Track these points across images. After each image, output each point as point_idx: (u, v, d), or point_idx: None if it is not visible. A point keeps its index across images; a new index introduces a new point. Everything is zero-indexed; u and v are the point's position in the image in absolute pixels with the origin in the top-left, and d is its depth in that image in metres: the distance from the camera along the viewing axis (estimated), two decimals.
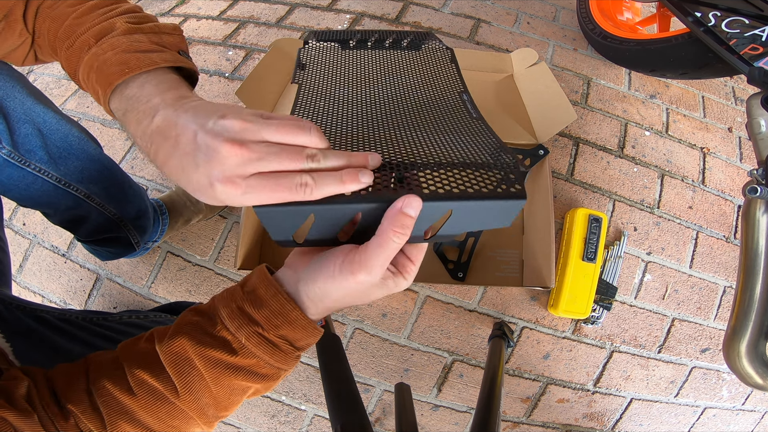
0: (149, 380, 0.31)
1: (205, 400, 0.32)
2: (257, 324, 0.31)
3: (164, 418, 0.32)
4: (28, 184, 0.55)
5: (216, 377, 0.32)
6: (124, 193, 0.68)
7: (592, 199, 0.98)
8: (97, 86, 0.34)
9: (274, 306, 0.32)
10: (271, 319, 0.32)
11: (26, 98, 0.52)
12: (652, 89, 1.11)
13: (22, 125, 0.52)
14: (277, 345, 0.32)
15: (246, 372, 0.32)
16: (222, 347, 0.31)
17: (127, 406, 0.31)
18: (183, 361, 0.31)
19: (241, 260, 0.74)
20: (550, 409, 0.89)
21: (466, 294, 0.90)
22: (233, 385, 0.32)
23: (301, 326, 0.32)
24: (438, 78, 0.56)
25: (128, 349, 0.34)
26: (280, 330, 0.32)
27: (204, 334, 0.32)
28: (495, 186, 0.32)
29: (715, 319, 0.94)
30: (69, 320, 0.51)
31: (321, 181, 0.29)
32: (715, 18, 0.73)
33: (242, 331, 0.31)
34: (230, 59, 1.10)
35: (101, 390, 0.31)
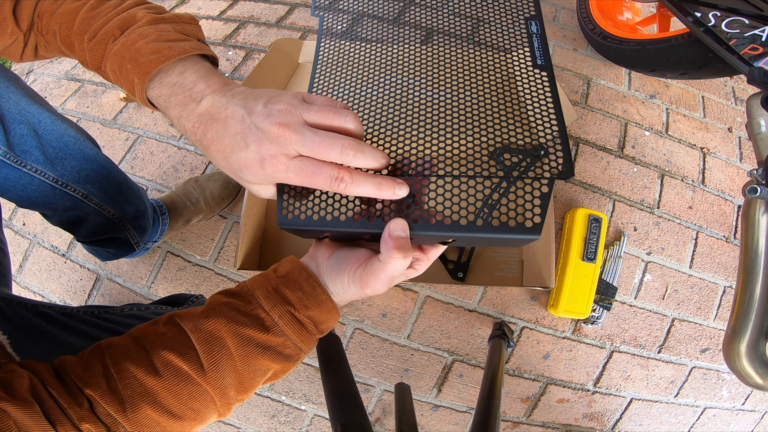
0: (175, 361, 0.32)
1: (229, 380, 0.33)
2: (290, 304, 0.34)
3: (186, 399, 0.32)
4: (24, 184, 0.55)
5: (245, 355, 0.33)
6: (123, 193, 0.68)
7: (592, 199, 0.98)
8: (132, 75, 0.36)
9: (306, 288, 0.35)
10: (303, 299, 0.35)
11: (21, 98, 0.52)
12: (652, 89, 1.11)
13: (17, 126, 0.51)
14: (304, 324, 0.35)
15: (273, 351, 0.34)
16: (256, 325, 0.34)
17: (151, 388, 0.31)
18: (215, 339, 0.33)
19: (241, 260, 0.74)
20: (550, 409, 0.89)
21: (466, 294, 0.90)
22: (258, 364, 0.34)
23: (327, 309, 0.36)
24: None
25: (148, 333, 0.34)
26: (309, 311, 0.35)
27: (239, 314, 0.34)
28: (509, 218, 0.31)
29: (715, 319, 0.94)
30: (71, 314, 0.51)
31: (358, 180, 0.31)
32: (715, 18, 0.73)
33: (276, 309, 0.34)
34: (230, 59, 1.10)
35: (124, 373, 0.31)
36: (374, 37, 0.42)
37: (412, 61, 0.40)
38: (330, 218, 0.33)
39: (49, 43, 0.44)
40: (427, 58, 0.40)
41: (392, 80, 0.40)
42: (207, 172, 0.98)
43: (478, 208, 0.31)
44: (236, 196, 0.93)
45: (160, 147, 1.00)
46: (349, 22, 0.44)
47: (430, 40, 0.40)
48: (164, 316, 0.36)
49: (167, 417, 0.32)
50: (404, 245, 0.31)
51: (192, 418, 0.33)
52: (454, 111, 0.36)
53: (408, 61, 0.40)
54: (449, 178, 0.33)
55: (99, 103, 1.07)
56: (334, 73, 0.42)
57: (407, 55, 0.40)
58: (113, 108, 1.06)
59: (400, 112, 0.37)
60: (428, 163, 0.34)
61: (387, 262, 0.31)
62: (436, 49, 0.40)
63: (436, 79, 0.38)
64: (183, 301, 0.74)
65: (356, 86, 0.40)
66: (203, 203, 0.87)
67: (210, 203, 0.88)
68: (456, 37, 0.40)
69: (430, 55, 0.40)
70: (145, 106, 0.39)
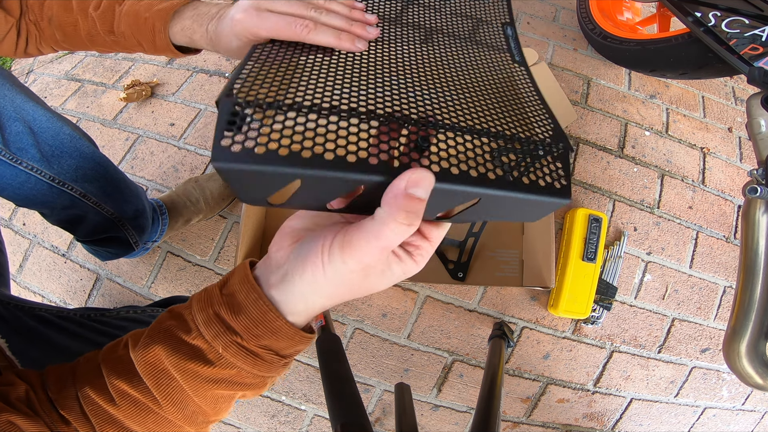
0: (129, 390, 0.29)
1: (192, 408, 0.30)
2: (235, 333, 0.28)
3: (152, 427, 0.30)
4: (21, 182, 0.55)
5: (196, 388, 0.29)
6: (121, 192, 0.68)
7: (592, 199, 0.98)
8: (153, 22, 0.43)
9: (253, 313, 0.28)
10: (250, 328, 0.28)
11: (16, 96, 0.52)
12: (652, 89, 1.11)
13: (12, 123, 0.51)
14: (259, 355, 0.29)
15: (227, 382, 0.30)
16: (198, 357, 0.28)
17: (114, 416, 0.29)
18: (160, 372, 0.29)
19: (241, 260, 0.74)
20: (550, 409, 0.89)
21: (466, 294, 0.90)
22: (216, 395, 0.30)
23: (286, 335, 0.29)
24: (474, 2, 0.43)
25: (108, 355, 0.32)
26: (261, 340, 0.28)
27: (179, 342, 0.29)
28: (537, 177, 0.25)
29: (715, 319, 0.94)
30: (67, 317, 0.51)
31: (321, 29, 0.32)
32: (715, 18, 0.73)
33: (219, 340, 0.28)
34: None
35: (86, 399, 0.30)
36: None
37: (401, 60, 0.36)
38: (308, 154, 0.21)
39: (42, 31, 0.46)
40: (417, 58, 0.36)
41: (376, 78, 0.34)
42: (207, 172, 0.98)
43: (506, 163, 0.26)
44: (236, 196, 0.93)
45: (160, 147, 1.00)
46: None
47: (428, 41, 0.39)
48: (126, 336, 0.32)
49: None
50: (416, 209, 0.22)
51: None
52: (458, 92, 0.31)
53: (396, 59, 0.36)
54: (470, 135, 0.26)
55: (99, 103, 1.07)
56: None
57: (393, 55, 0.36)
58: (113, 108, 1.06)
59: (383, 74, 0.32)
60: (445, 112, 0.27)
61: (385, 223, 0.23)
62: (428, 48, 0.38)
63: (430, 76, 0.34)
64: (179, 303, 0.74)
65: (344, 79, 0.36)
66: (203, 203, 0.87)
67: (210, 203, 0.88)
68: (453, 36, 0.39)
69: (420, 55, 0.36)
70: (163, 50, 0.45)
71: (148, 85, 1.06)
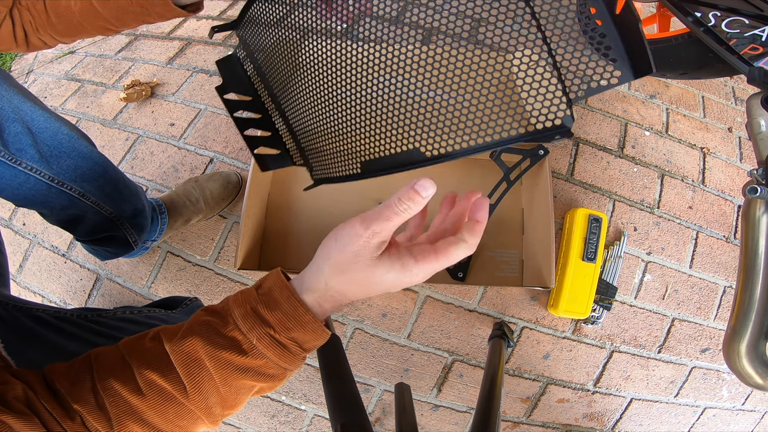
0: (158, 381, 0.31)
1: (213, 400, 0.33)
2: (269, 326, 0.32)
3: (172, 418, 0.32)
4: (20, 183, 0.55)
5: (225, 378, 0.32)
6: (120, 192, 0.68)
7: (592, 199, 0.98)
8: None
9: (287, 308, 0.33)
10: (283, 321, 0.33)
11: (14, 96, 0.52)
12: (652, 89, 1.11)
13: (11, 123, 0.51)
14: (286, 347, 0.33)
15: (254, 372, 0.33)
16: (233, 348, 0.32)
17: (136, 407, 0.31)
18: (193, 361, 0.32)
19: (241, 260, 0.74)
20: (550, 409, 0.89)
21: (466, 294, 0.90)
22: (241, 385, 0.33)
23: (312, 329, 0.33)
24: None
25: (134, 348, 0.34)
26: (291, 332, 0.33)
27: (216, 335, 0.32)
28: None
29: (715, 319, 0.94)
30: (64, 318, 0.51)
31: None
32: (715, 18, 0.73)
33: (254, 332, 0.32)
34: None
35: (109, 390, 0.31)
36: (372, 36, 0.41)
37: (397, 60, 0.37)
38: None
39: (38, 15, 0.46)
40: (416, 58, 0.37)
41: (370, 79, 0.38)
42: (207, 172, 0.98)
43: None
44: (236, 196, 0.93)
45: (160, 147, 1.00)
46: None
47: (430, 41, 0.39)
48: (153, 330, 0.35)
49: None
50: (416, 199, 0.30)
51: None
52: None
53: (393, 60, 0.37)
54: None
55: (99, 103, 1.07)
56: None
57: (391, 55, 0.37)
58: (113, 108, 1.06)
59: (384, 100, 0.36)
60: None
61: (388, 206, 0.31)
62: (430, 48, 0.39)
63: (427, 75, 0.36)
64: (177, 304, 0.74)
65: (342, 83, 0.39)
66: (203, 203, 0.87)
67: (210, 203, 0.88)
68: (453, 36, 0.39)
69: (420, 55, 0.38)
70: (173, 10, 0.45)
71: (148, 85, 1.06)
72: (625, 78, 0.28)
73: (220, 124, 1.02)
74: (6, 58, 1.34)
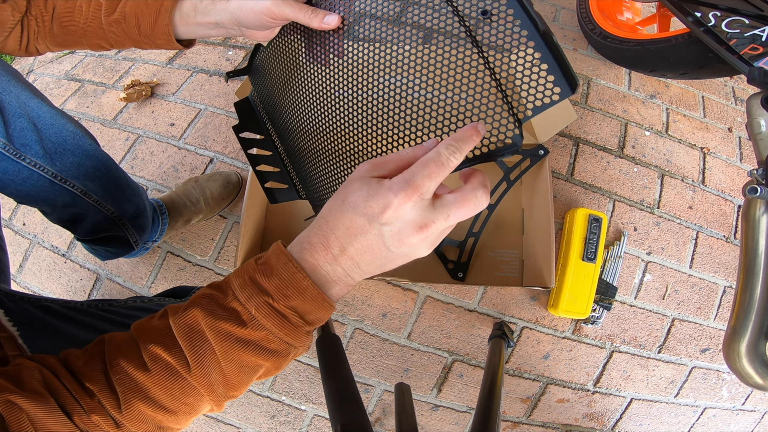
0: (162, 355, 0.31)
1: (215, 376, 0.32)
2: (267, 294, 0.31)
3: (177, 395, 0.31)
4: (23, 179, 0.55)
5: (226, 351, 0.31)
6: (122, 191, 0.68)
7: (592, 199, 0.98)
8: (162, 0, 0.46)
9: (284, 274, 0.31)
10: (281, 288, 0.31)
11: (21, 92, 0.52)
12: (652, 89, 1.11)
13: (17, 119, 0.51)
14: (286, 316, 0.31)
15: (255, 346, 0.32)
16: (232, 318, 0.31)
17: (141, 384, 0.30)
18: (195, 333, 0.31)
19: (241, 260, 0.74)
20: (550, 409, 0.89)
21: (466, 294, 0.90)
22: (243, 361, 0.32)
23: (311, 296, 0.32)
24: None
25: (142, 327, 0.33)
26: (290, 300, 0.31)
27: (216, 306, 0.32)
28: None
29: (715, 319, 0.94)
30: (74, 307, 0.50)
31: None
32: (715, 18, 0.73)
33: (252, 301, 0.31)
34: (230, 59, 1.10)
35: (116, 368, 0.31)
36: (371, 36, 0.44)
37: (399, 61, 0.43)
38: None
39: (42, 26, 0.47)
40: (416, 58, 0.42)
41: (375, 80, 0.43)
42: (207, 172, 0.98)
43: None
44: (236, 196, 0.93)
45: (160, 147, 1.00)
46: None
47: (427, 41, 0.42)
48: (162, 309, 0.35)
49: (161, 412, 0.31)
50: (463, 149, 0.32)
51: (186, 413, 0.32)
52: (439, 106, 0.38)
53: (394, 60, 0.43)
54: None
55: (99, 103, 1.07)
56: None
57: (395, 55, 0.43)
58: (113, 108, 1.06)
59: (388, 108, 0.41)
60: None
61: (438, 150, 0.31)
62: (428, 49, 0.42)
63: (426, 77, 0.40)
64: (185, 293, 0.74)
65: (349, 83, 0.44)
66: (203, 203, 0.87)
67: (210, 203, 0.88)
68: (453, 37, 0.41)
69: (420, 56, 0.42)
70: (159, 34, 0.47)
71: (148, 85, 1.06)
72: (565, 94, 0.32)
73: (220, 124, 1.02)
74: (6, 58, 1.34)
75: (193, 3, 0.45)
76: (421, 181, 0.29)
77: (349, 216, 0.30)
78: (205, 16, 0.45)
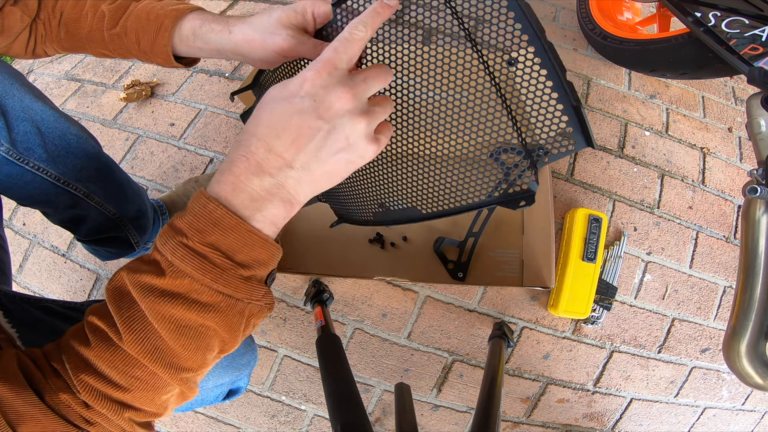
0: (98, 323, 0.28)
1: (154, 342, 0.28)
2: (181, 233, 0.27)
3: (121, 367, 0.28)
4: (26, 182, 0.55)
5: (152, 308, 0.27)
6: (124, 193, 0.68)
7: (592, 199, 0.98)
8: (163, 19, 0.44)
9: (195, 209, 0.28)
10: (192, 223, 0.27)
11: (25, 96, 0.52)
12: (652, 89, 1.11)
13: (20, 123, 0.52)
14: (206, 256, 0.27)
15: (183, 299, 0.28)
16: (152, 271, 0.28)
17: (85, 357, 0.28)
18: (121, 294, 0.28)
19: None
20: (550, 409, 0.89)
21: (466, 294, 0.90)
22: (177, 320, 0.28)
23: (230, 227, 0.27)
24: None
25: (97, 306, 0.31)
26: (205, 236, 0.27)
27: (140, 262, 0.29)
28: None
29: (715, 319, 0.94)
30: (74, 308, 0.50)
31: None
32: (715, 18, 0.73)
33: (167, 245, 0.27)
34: (231, 60, 1.10)
35: (65, 346, 0.30)
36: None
37: (408, 62, 0.44)
38: None
39: (51, 30, 0.48)
40: (422, 59, 0.43)
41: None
42: (207, 172, 0.98)
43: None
44: None
45: (160, 147, 1.00)
46: None
47: (428, 41, 0.43)
48: None
49: (113, 388, 0.28)
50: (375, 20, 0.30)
51: (142, 389, 0.29)
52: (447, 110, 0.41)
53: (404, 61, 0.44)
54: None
55: (99, 103, 1.07)
56: None
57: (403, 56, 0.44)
58: (113, 108, 1.06)
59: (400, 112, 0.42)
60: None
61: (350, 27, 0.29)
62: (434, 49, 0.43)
63: (432, 79, 0.41)
64: None
65: None
66: None
67: None
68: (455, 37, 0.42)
69: (425, 56, 0.43)
70: (158, 52, 0.46)
71: (148, 85, 1.06)
72: (581, 146, 0.36)
73: (220, 124, 1.02)
74: (6, 58, 1.34)
75: (192, 27, 0.44)
76: (331, 54, 0.28)
77: (269, 108, 0.28)
78: (205, 42, 0.44)
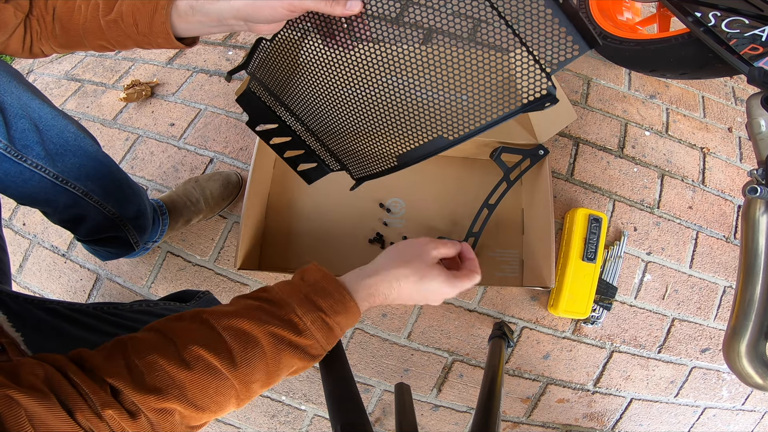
0: (206, 356, 0.34)
1: (258, 375, 0.37)
2: (322, 311, 0.39)
3: (212, 394, 0.34)
4: (25, 180, 0.55)
5: (277, 353, 0.37)
6: (123, 192, 0.68)
7: (592, 199, 0.98)
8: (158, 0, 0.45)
9: (336, 296, 0.40)
10: (333, 306, 0.40)
11: (23, 93, 0.52)
12: (652, 89, 1.11)
13: (18, 120, 0.51)
14: (332, 328, 0.40)
15: (302, 351, 0.38)
16: (290, 328, 0.38)
17: (180, 381, 0.33)
18: (249, 338, 0.36)
19: (241, 260, 0.74)
20: (550, 409, 0.89)
21: (466, 294, 0.90)
22: (287, 362, 0.38)
23: (353, 313, 0.41)
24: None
25: (174, 328, 0.36)
26: (338, 316, 0.40)
27: (272, 317, 0.38)
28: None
29: (715, 319, 0.94)
30: (79, 310, 0.50)
31: None
32: (715, 18, 0.73)
33: (309, 315, 0.38)
34: (230, 59, 1.10)
35: (153, 365, 0.33)
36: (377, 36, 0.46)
37: (405, 61, 0.46)
38: None
39: (45, 26, 0.47)
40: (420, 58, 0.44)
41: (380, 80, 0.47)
42: (207, 172, 0.98)
43: None
44: (236, 196, 0.93)
45: (160, 147, 1.00)
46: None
47: (428, 41, 0.45)
48: (189, 312, 0.38)
49: (191, 409, 0.33)
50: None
51: (213, 411, 0.35)
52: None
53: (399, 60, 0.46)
54: None
55: (99, 103, 1.07)
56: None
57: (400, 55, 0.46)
58: (113, 108, 1.06)
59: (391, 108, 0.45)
60: None
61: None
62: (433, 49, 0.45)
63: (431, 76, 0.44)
64: (190, 297, 0.74)
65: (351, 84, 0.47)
66: (203, 203, 0.87)
67: (210, 203, 0.88)
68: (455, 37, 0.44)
69: (423, 55, 0.45)
70: (157, 32, 0.46)
71: (148, 85, 1.06)
72: (583, 49, 0.38)
73: (220, 124, 1.02)
74: (6, 58, 1.34)
75: (189, 2, 0.44)
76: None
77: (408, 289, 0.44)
78: (204, 15, 0.44)
